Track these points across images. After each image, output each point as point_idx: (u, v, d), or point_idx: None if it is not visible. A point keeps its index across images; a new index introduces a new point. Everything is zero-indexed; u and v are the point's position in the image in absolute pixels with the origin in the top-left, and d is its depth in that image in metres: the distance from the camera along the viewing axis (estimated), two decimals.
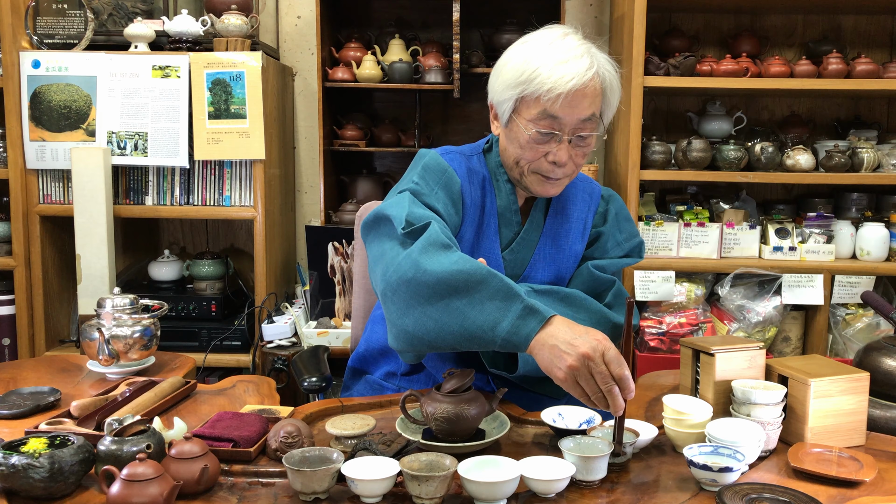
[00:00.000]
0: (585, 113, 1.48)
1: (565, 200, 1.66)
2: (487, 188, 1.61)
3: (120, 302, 1.77)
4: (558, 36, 1.51)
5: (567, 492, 1.19)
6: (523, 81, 1.47)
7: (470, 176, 1.60)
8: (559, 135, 1.49)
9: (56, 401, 1.55)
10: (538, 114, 1.47)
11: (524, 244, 1.63)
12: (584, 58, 1.47)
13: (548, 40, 1.51)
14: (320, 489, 1.15)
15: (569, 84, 1.44)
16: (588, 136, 1.51)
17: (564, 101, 1.45)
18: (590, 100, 1.48)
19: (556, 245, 1.64)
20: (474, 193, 1.59)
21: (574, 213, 1.66)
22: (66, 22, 2.83)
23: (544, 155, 1.51)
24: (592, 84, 1.48)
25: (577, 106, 1.47)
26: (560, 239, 1.64)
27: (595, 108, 1.50)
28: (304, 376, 1.81)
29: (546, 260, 1.63)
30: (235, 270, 3.12)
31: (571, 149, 1.51)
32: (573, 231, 1.65)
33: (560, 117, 1.47)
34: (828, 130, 3.16)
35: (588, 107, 1.48)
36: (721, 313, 2.85)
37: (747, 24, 3.12)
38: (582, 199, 1.68)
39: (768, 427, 1.31)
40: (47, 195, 2.82)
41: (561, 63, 1.46)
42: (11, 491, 1.14)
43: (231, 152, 2.73)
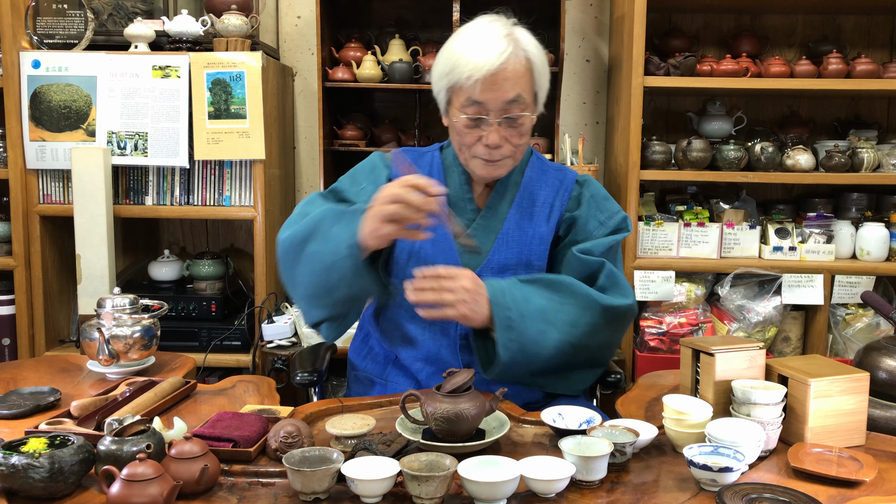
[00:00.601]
0: (509, 95, 1.52)
1: (532, 185, 1.69)
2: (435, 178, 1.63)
3: (120, 302, 1.77)
4: (482, 24, 1.57)
5: (567, 492, 1.19)
6: (448, 72, 1.55)
7: (413, 169, 1.64)
8: (487, 119, 1.54)
9: (56, 401, 1.55)
10: (464, 101, 1.54)
11: (482, 229, 1.66)
12: (500, 41, 1.51)
13: (472, 29, 1.57)
14: (320, 489, 1.15)
15: (485, 68, 1.49)
16: (518, 118, 1.54)
17: (484, 85, 1.50)
18: (512, 82, 1.52)
19: (521, 228, 1.66)
20: None
21: (540, 197, 1.69)
22: (66, 22, 2.83)
23: (478, 139, 1.56)
24: (513, 66, 1.51)
25: (499, 89, 1.51)
26: (524, 222, 1.66)
27: (520, 90, 1.53)
28: (297, 370, 1.84)
29: (510, 243, 1.65)
30: (235, 270, 3.12)
31: (503, 130, 1.55)
32: (537, 214, 1.67)
33: (484, 102, 1.52)
34: (828, 130, 3.16)
35: (511, 89, 1.52)
36: (721, 313, 2.85)
37: (747, 24, 3.12)
38: (550, 184, 1.70)
39: (768, 427, 1.31)
40: (47, 195, 2.82)
41: (479, 50, 1.51)
42: (11, 491, 1.15)
43: (231, 152, 2.73)
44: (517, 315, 1.49)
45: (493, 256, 1.64)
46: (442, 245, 1.64)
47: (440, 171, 1.70)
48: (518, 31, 1.58)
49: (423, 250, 1.65)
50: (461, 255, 1.64)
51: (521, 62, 1.53)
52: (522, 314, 1.50)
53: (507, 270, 1.64)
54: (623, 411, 1.55)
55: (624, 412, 1.54)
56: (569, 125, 3.25)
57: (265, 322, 2.73)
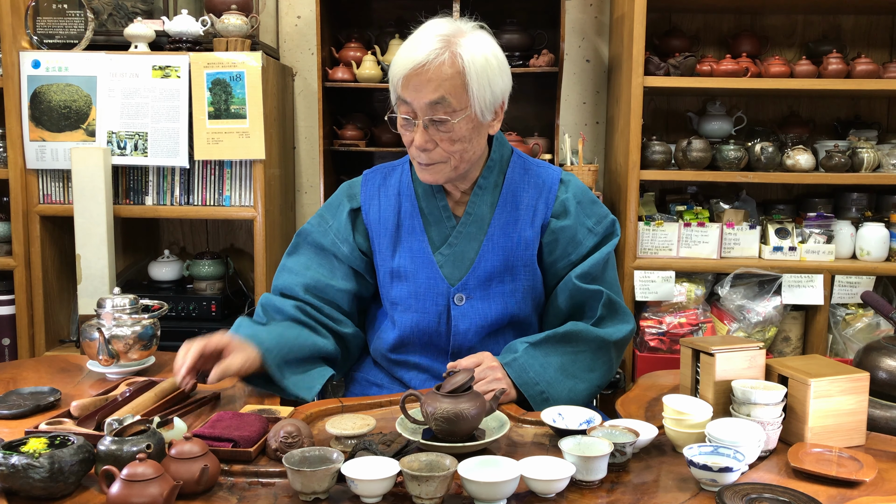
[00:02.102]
0: (431, 96, 1.49)
1: (515, 189, 1.66)
2: (404, 194, 1.67)
3: (120, 302, 1.77)
4: (429, 23, 1.55)
5: (567, 492, 1.19)
6: (390, 71, 1.54)
7: (381, 190, 1.70)
8: (413, 120, 1.52)
9: (56, 401, 1.55)
10: (396, 99, 1.54)
11: (463, 237, 1.64)
12: (432, 40, 1.49)
13: (418, 30, 1.55)
14: (320, 489, 1.15)
15: (407, 67, 1.48)
16: (444, 121, 1.50)
17: (406, 83, 1.49)
18: (435, 84, 1.48)
19: (506, 233, 1.63)
20: (385, 205, 1.68)
21: (524, 201, 1.65)
22: (66, 22, 2.83)
23: (411, 142, 1.55)
24: (438, 68, 1.47)
25: (421, 89, 1.49)
26: (509, 227, 1.64)
27: (444, 92, 1.48)
28: None
29: (496, 249, 1.63)
30: (235, 270, 3.12)
31: (431, 133, 1.52)
32: (522, 219, 1.64)
33: (409, 101, 1.51)
34: (828, 130, 3.16)
35: (434, 90, 1.48)
36: (721, 313, 2.85)
37: (747, 24, 3.12)
38: (533, 186, 1.66)
39: (768, 427, 1.31)
40: (47, 195, 2.82)
41: (409, 49, 1.50)
42: (11, 491, 1.14)
43: (231, 152, 2.73)
44: (546, 385, 1.55)
45: (480, 263, 1.62)
46: (421, 260, 1.64)
47: (409, 184, 1.68)
48: (467, 34, 1.52)
49: (402, 268, 1.65)
50: (442, 269, 1.63)
51: (447, 64, 1.47)
52: (549, 382, 1.55)
53: (493, 278, 1.63)
54: (623, 411, 1.54)
55: (624, 412, 1.54)
56: (569, 125, 3.25)
57: None
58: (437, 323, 1.64)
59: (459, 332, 1.64)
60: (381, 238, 1.68)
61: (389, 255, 1.67)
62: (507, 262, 1.63)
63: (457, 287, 1.62)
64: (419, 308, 1.64)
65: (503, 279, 1.63)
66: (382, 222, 1.68)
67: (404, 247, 1.65)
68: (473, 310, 1.63)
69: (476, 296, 1.62)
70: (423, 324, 1.64)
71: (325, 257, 1.70)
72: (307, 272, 1.69)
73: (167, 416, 1.33)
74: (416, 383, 1.68)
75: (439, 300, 1.63)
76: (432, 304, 1.63)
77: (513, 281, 1.63)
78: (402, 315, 1.66)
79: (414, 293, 1.64)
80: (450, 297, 1.63)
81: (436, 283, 1.63)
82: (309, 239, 1.73)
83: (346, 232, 1.70)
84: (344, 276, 1.70)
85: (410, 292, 1.65)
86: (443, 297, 1.63)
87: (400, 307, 1.66)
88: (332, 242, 1.70)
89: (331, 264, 1.70)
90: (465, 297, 1.62)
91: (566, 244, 1.65)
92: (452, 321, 1.63)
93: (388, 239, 1.67)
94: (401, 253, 1.66)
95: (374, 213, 1.69)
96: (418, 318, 1.64)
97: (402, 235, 1.66)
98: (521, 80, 3.31)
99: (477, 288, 1.62)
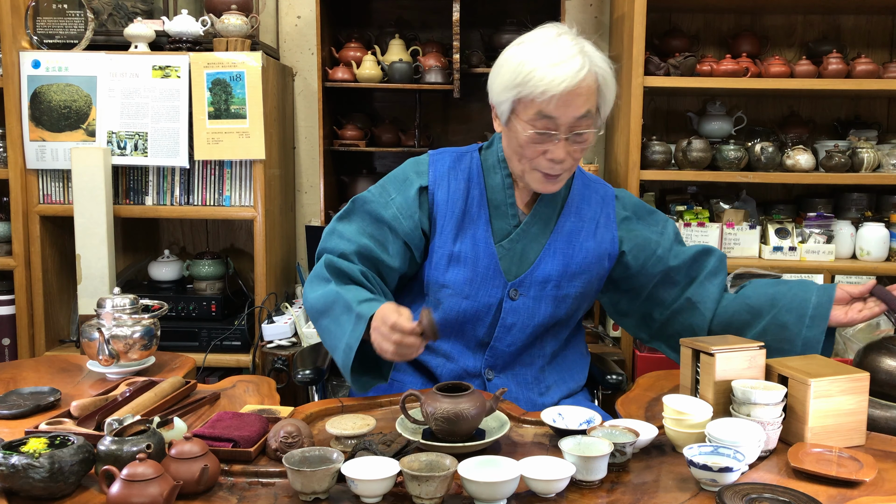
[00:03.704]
0: (580, 111, 1.51)
1: (580, 201, 1.70)
2: (474, 181, 1.67)
3: (120, 302, 1.77)
4: (552, 37, 1.54)
5: (567, 492, 1.19)
6: (518, 84, 1.51)
7: (451, 172, 1.68)
8: (556, 134, 1.51)
9: (56, 401, 1.55)
10: (534, 115, 1.51)
11: (526, 236, 1.66)
12: (576, 58, 1.49)
13: (542, 41, 1.53)
14: (320, 489, 1.15)
15: (561, 86, 1.47)
16: (585, 133, 1.53)
17: (558, 102, 1.48)
18: (584, 98, 1.50)
19: (569, 241, 1.67)
20: (454, 188, 1.66)
21: (587, 213, 1.70)
22: (66, 22, 2.83)
23: (543, 153, 1.54)
24: (586, 83, 1.50)
25: (572, 105, 1.49)
26: (573, 236, 1.67)
27: (590, 106, 1.52)
28: (298, 369, 1.85)
29: (557, 254, 1.66)
30: (235, 270, 3.12)
31: (569, 146, 1.54)
32: (585, 230, 1.68)
33: (555, 117, 1.50)
34: (828, 130, 3.16)
35: (582, 105, 1.50)
36: None
37: (747, 24, 3.12)
38: (595, 202, 1.72)
39: (768, 427, 1.31)
40: (47, 195, 2.82)
41: (554, 65, 1.48)
42: (11, 491, 1.15)
43: (231, 152, 2.73)
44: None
45: (539, 265, 1.64)
46: (483, 249, 1.64)
47: (479, 173, 1.68)
48: (587, 46, 1.55)
49: (463, 253, 1.64)
50: (501, 261, 1.64)
51: (593, 78, 1.51)
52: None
53: (550, 281, 1.64)
54: (623, 411, 1.55)
55: (624, 412, 1.54)
56: None
57: (265, 322, 2.73)
58: (486, 313, 1.65)
59: (505, 325, 1.65)
60: (446, 220, 1.65)
61: (451, 238, 1.65)
62: (566, 269, 1.65)
63: (514, 282, 1.64)
64: (472, 295, 1.64)
65: (559, 284, 1.65)
66: (450, 204, 1.66)
67: (468, 233, 1.65)
68: (525, 307, 1.64)
69: (530, 294, 1.64)
70: (471, 311, 1.65)
71: (381, 229, 1.65)
72: (360, 239, 1.64)
73: (167, 416, 1.33)
74: (442, 372, 1.68)
75: (494, 292, 1.64)
76: (486, 293, 1.64)
77: (568, 286, 1.66)
78: (451, 299, 1.65)
79: (470, 280, 1.64)
80: (505, 291, 1.64)
81: (494, 275, 1.64)
82: (367, 207, 1.67)
83: (411, 208, 1.65)
84: (396, 253, 1.65)
85: (467, 278, 1.64)
86: (498, 290, 1.64)
87: (451, 291, 1.65)
88: (394, 216, 1.65)
89: (385, 238, 1.65)
90: (521, 293, 1.64)
91: (646, 254, 1.72)
92: (502, 314, 1.64)
93: (454, 222, 1.65)
94: (463, 238, 1.65)
95: (441, 194, 1.66)
96: (468, 304, 1.64)
97: (468, 221, 1.65)
98: None
99: (532, 287, 1.64)
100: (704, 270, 1.70)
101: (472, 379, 1.65)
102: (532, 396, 1.67)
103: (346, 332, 1.50)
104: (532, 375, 1.69)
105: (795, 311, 1.61)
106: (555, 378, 1.72)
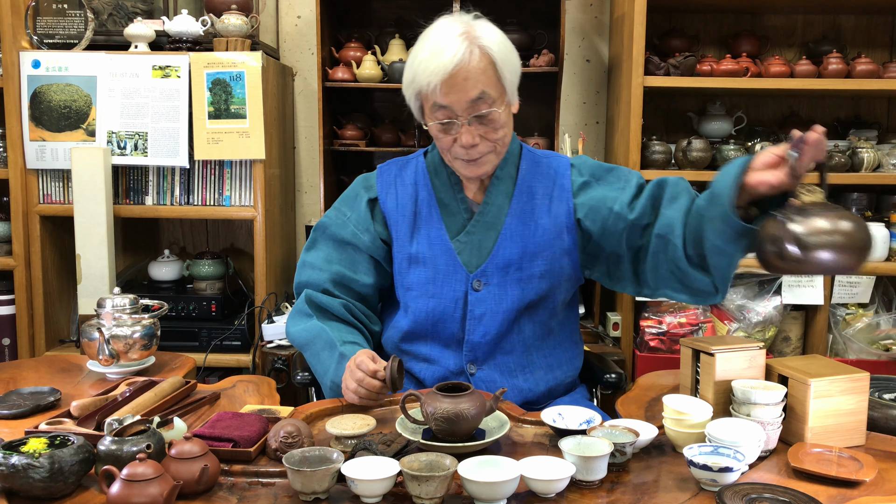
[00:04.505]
0: (473, 94, 1.51)
1: (530, 179, 1.69)
2: (421, 184, 1.70)
3: (120, 302, 1.77)
4: (438, 26, 1.57)
5: (567, 492, 1.19)
6: (411, 81, 1.57)
7: (397, 180, 1.73)
8: (457, 121, 1.54)
9: (56, 401, 1.55)
10: (432, 107, 1.55)
11: (480, 226, 1.67)
12: (455, 41, 1.51)
13: (429, 34, 1.57)
14: (320, 489, 1.15)
15: (442, 73, 1.49)
16: (488, 113, 1.53)
17: (445, 89, 1.50)
18: (473, 80, 1.51)
19: (523, 222, 1.66)
20: (402, 193, 1.71)
21: (539, 190, 1.68)
22: (66, 22, 2.83)
23: (454, 142, 1.57)
24: (472, 65, 1.50)
25: (461, 90, 1.51)
26: (525, 216, 1.66)
27: (483, 86, 1.52)
28: (298, 370, 1.86)
29: (513, 237, 1.65)
30: (235, 270, 3.12)
31: (476, 129, 1.54)
32: (538, 208, 1.67)
33: (449, 105, 1.52)
34: (828, 130, 3.16)
35: (472, 87, 1.51)
36: (721, 313, 2.85)
37: (747, 24, 3.12)
38: (547, 176, 1.69)
39: (768, 427, 1.31)
40: (47, 195, 2.82)
41: (433, 55, 1.51)
42: (11, 491, 1.15)
43: (231, 152, 2.73)
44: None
45: (498, 251, 1.65)
46: (439, 247, 1.66)
47: (425, 175, 1.71)
48: (478, 26, 1.56)
49: (420, 253, 1.67)
50: (460, 255, 1.65)
51: (479, 58, 1.51)
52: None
53: (511, 265, 1.64)
54: (623, 411, 1.55)
55: (624, 412, 1.54)
56: (569, 125, 3.25)
57: (265, 322, 2.73)
58: (453, 308, 1.66)
59: (475, 317, 1.65)
60: (399, 225, 1.70)
61: (407, 240, 1.69)
62: (525, 250, 1.65)
63: (476, 273, 1.64)
64: (436, 293, 1.66)
65: (521, 266, 1.65)
66: (400, 210, 1.70)
67: (422, 233, 1.68)
68: (490, 295, 1.65)
69: (493, 282, 1.65)
70: (438, 309, 1.66)
71: (346, 251, 1.73)
72: (331, 266, 1.72)
73: (167, 416, 1.33)
74: (425, 375, 1.69)
75: (457, 286, 1.65)
76: (450, 289, 1.65)
77: (530, 267, 1.65)
78: (416, 301, 1.68)
79: (432, 279, 1.66)
80: (468, 283, 1.65)
81: (454, 270, 1.65)
82: (328, 232, 1.75)
83: (366, 221, 1.72)
84: (366, 270, 1.73)
85: (428, 278, 1.67)
86: (461, 284, 1.65)
87: (415, 292, 1.68)
88: (353, 234, 1.72)
89: (352, 258, 1.72)
90: (484, 283, 1.64)
91: (603, 211, 1.62)
92: (469, 306, 1.65)
93: (407, 226, 1.69)
94: (419, 239, 1.68)
95: (391, 202, 1.72)
96: (434, 303, 1.66)
97: (420, 222, 1.69)
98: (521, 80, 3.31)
99: (495, 274, 1.64)
100: (663, 200, 1.59)
101: (455, 377, 1.65)
102: (517, 383, 1.66)
103: (330, 368, 1.61)
104: (514, 362, 1.67)
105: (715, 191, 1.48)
106: (540, 363, 1.69)
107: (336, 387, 1.59)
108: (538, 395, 1.67)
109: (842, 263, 1.32)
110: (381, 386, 1.49)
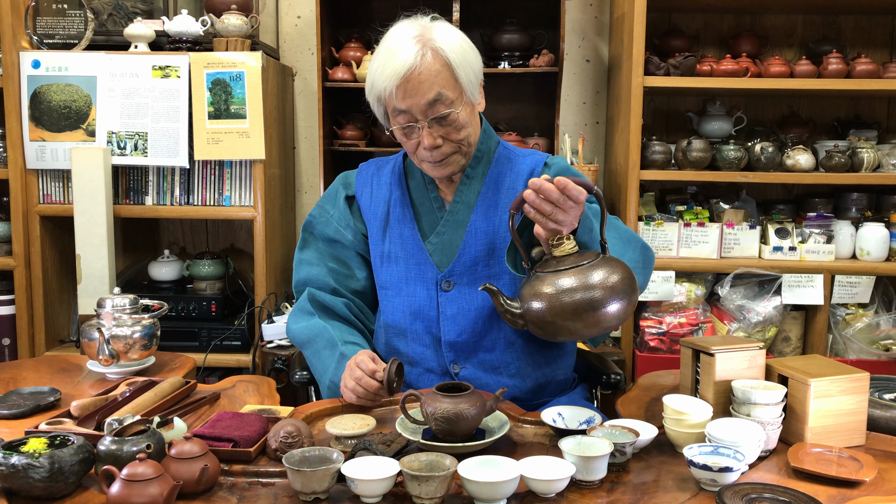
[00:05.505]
0: (429, 96, 1.51)
1: (497, 175, 1.68)
2: (395, 184, 1.72)
3: (120, 302, 1.77)
4: (393, 32, 1.57)
5: (567, 492, 1.19)
6: (371, 87, 1.58)
7: (374, 179, 1.76)
8: (417, 124, 1.54)
9: (56, 401, 1.55)
10: (392, 111, 1.56)
11: (450, 225, 1.67)
12: (408, 45, 1.51)
13: (385, 41, 1.57)
14: (320, 489, 1.15)
15: (395, 79, 1.50)
16: (447, 115, 1.53)
17: (400, 93, 1.51)
18: (428, 83, 1.51)
19: (487, 218, 1.65)
20: (376, 192, 1.74)
21: (506, 184, 1.67)
22: (66, 22, 2.83)
23: (418, 145, 1.57)
24: (425, 67, 1.50)
25: (417, 93, 1.51)
26: (489, 211, 1.65)
27: (440, 87, 1.51)
28: (297, 369, 1.87)
29: (478, 234, 1.65)
30: (235, 270, 3.12)
31: (437, 130, 1.55)
32: (502, 202, 1.66)
33: (407, 109, 1.53)
34: (828, 130, 3.16)
35: (428, 89, 1.51)
36: (721, 313, 2.85)
37: (747, 24, 3.12)
38: (516, 171, 1.68)
39: (768, 427, 1.31)
40: (47, 195, 2.82)
41: (387, 60, 1.52)
42: (11, 491, 1.15)
43: (231, 152, 2.73)
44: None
45: (465, 250, 1.64)
46: (411, 247, 1.67)
47: (401, 176, 1.73)
48: (434, 28, 1.56)
49: (392, 252, 1.70)
50: (432, 256, 1.66)
51: (432, 60, 1.51)
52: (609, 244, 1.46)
53: (479, 262, 1.64)
54: (623, 411, 1.55)
55: (624, 412, 1.54)
56: (569, 125, 3.25)
57: (265, 322, 2.73)
58: (427, 308, 1.66)
59: (448, 316, 1.65)
60: (372, 223, 1.73)
61: (380, 239, 1.71)
62: (490, 246, 1.64)
63: (444, 273, 1.65)
64: (408, 292, 1.67)
65: (489, 263, 1.64)
66: (373, 208, 1.73)
67: (394, 232, 1.70)
68: (461, 294, 1.65)
69: (463, 281, 1.65)
70: (412, 309, 1.67)
71: (335, 248, 1.76)
72: (325, 262, 1.75)
73: (167, 416, 1.33)
74: (411, 378, 1.69)
75: (429, 286, 1.66)
76: (422, 288, 1.67)
77: (498, 264, 1.64)
78: (391, 300, 1.70)
79: (404, 277, 1.68)
80: (438, 283, 1.65)
81: (425, 270, 1.66)
82: (315, 231, 1.78)
83: (346, 218, 1.75)
84: (357, 265, 1.76)
85: (400, 276, 1.69)
86: (432, 283, 1.66)
87: (389, 291, 1.70)
88: (336, 231, 1.75)
89: (340, 254, 1.76)
90: (453, 283, 1.65)
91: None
92: (440, 307, 1.65)
93: (378, 224, 1.72)
94: (391, 238, 1.70)
95: (365, 200, 1.75)
96: (406, 302, 1.67)
97: (392, 222, 1.71)
98: (521, 80, 3.31)
99: (464, 274, 1.64)
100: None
101: (440, 378, 1.65)
102: (502, 380, 1.65)
103: (330, 368, 1.62)
104: (497, 360, 1.65)
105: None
106: (526, 360, 1.66)
107: (335, 386, 1.59)
108: (526, 391, 1.66)
109: (576, 328, 1.33)
110: (379, 387, 1.50)
